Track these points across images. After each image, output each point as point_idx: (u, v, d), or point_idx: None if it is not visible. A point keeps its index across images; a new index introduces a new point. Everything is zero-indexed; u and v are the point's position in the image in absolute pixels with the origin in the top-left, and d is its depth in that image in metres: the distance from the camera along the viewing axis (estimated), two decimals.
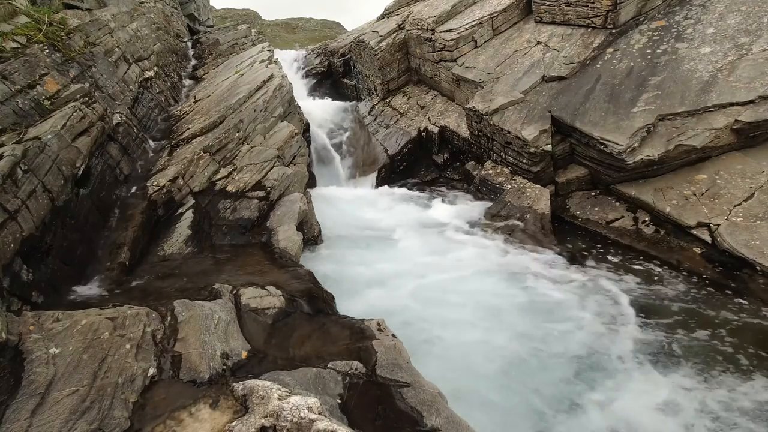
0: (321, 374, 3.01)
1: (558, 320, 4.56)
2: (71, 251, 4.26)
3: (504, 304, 4.86)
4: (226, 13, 25.14)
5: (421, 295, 5.03)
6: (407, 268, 5.55)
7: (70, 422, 2.43)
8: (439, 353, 4.18)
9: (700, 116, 5.51)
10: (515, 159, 6.81)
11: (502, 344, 4.26)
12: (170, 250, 4.96)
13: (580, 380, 3.86)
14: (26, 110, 4.75)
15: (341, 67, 12.02)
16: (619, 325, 4.44)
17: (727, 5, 6.36)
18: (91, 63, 6.26)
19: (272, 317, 3.68)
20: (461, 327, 4.50)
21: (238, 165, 6.21)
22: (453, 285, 5.24)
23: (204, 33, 13.97)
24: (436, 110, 9.10)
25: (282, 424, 2.18)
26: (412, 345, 3.63)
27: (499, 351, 4.18)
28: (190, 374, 2.86)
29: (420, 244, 6.20)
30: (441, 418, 2.82)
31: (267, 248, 5.11)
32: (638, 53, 6.52)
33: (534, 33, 7.99)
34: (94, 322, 3.10)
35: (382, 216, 7.15)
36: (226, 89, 8.00)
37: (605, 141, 5.75)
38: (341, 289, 4.79)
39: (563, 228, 6.21)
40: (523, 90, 7.05)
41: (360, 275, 5.41)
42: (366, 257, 5.83)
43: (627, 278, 5.09)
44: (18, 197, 3.78)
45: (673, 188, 5.63)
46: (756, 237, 4.77)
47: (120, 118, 5.90)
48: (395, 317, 4.40)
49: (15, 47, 5.15)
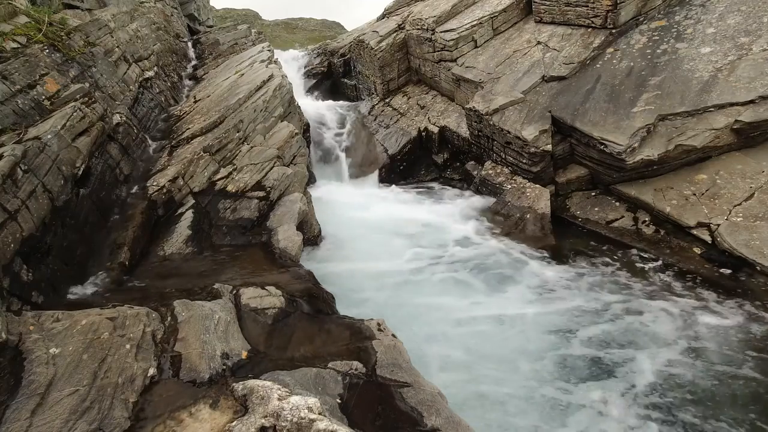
0: (321, 374, 3.01)
1: (557, 320, 4.56)
2: (71, 251, 4.26)
3: (503, 304, 4.86)
4: (226, 13, 25.13)
5: (421, 295, 5.03)
6: (407, 268, 5.56)
7: (70, 422, 2.43)
8: (443, 355, 4.19)
9: (700, 116, 5.51)
10: (515, 159, 6.81)
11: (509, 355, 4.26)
12: (170, 250, 4.96)
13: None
14: (26, 110, 4.75)
15: (341, 67, 12.01)
16: (618, 325, 4.44)
17: (727, 5, 6.36)
18: (91, 63, 6.26)
19: (272, 317, 3.68)
20: (459, 329, 4.50)
21: (238, 165, 6.20)
22: (453, 285, 5.24)
23: (204, 33, 13.96)
24: (436, 110, 9.10)
25: (282, 424, 2.18)
26: (412, 345, 3.63)
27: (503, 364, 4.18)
28: (190, 374, 2.86)
29: (420, 244, 6.20)
30: (441, 418, 2.82)
31: (267, 248, 5.11)
32: (638, 53, 6.52)
33: (534, 33, 7.99)
34: (94, 322, 3.10)
35: (382, 216, 7.14)
36: (226, 89, 7.99)
37: (605, 141, 5.75)
38: (341, 289, 4.80)
39: (563, 228, 6.21)
40: (523, 90, 7.05)
41: (360, 275, 5.41)
42: (366, 257, 5.83)
43: (627, 278, 5.09)
44: (18, 197, 3.78)
45: (673, 188, 5.63)
46: (756, 237, 4.77)
47: (120, 118, 5.90)
48: (395, 317, 4.40)
49: (15, 47, 5.15)
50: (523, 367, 4.03)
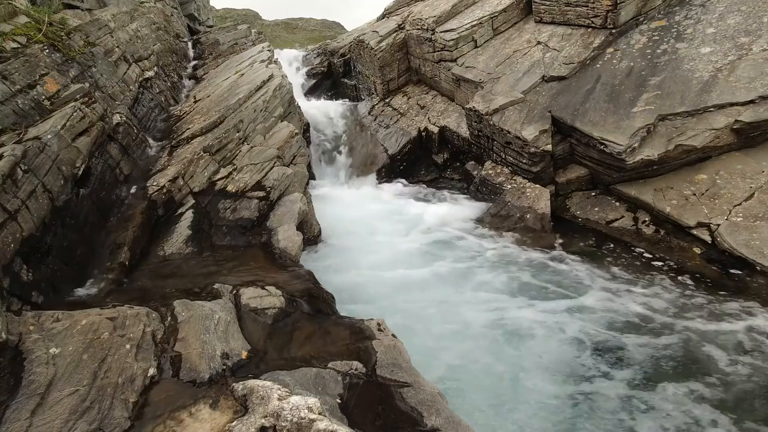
0: (321, 374, 3.01)
1: (558, 320, 4.56)
2: (71, 251, 4.26)
3: (503, 305, 4.86)
4: (226, 13, 25.12)
5: (422, 295, 5.03)
6: (407, 268, 5.56)
7: (70, 422, 2.43)
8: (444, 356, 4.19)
9: (700, 116, 5.51)
10: (515, 159, 6.81)
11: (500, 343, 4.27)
12: (170, 250, 4.96)
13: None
14: (26, 110, 4.75)
15: (341, 67, 12.00)
16: (618, 324, 4.44)
17: (727, 5, 6.36)
18: (91, 63, 6.26)
19: (272, 317, 3.68)
20: (458, 329, 4.50)
21: (238, 165, 6.21)
22: (453, 285, 5.24)
23: (204, 33, 13.96)
24: (436, 110, 9.10)
25: (282, 424, 2.18)
26: (413, 344, 3.63)
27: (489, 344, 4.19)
28: (190, 374, 2.86)
29: (420, 244, 6.21)
30: (441, 418, 2.82)
31: (267, 248, 5.11)
32: (638, 53, 6.52)
33: (534, 33, 7.99)
34: (94, 322, 3.10)
35: (382, 215, 7.15)
36: (226, 89, 7.99)
37: (605, 141, 5.75)
38: (341, 288, 4.80)
39: (563, 228, 6.21)
40: (523, 90, 7.05)
41: (360, 275, 5.41)
42: (366, 257, 5.83)
43: (627, 278, 5.09)
44: (18, 197, 3.78)
45: (673, 188, 5.63)
46: (756, 237, 4.77)
47: (120, 118, 5.90)
48: (395, 317, 4.40)
49: (15, 47, 5.15)
50: (524, 367, 4.03)
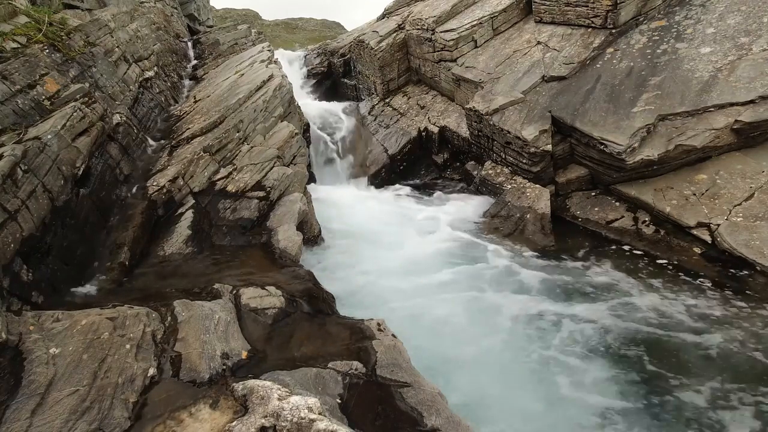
0: (321, 374, 3.01)
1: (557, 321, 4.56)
2: (71, 251, 4.26)
3: (503, 305, 4.86)
4: (226, 13, 25.14)
5: (422, 295, 5.03)
6: (407, 268, 5.55)
7: (70, 422, 2.43)
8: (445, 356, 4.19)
9: (700, 116, 5.51)
10: (515, 159, 6.81)
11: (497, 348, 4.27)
12: (170, 250, 4.96)
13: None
14: (26, 110, 4.75)
15: (341, 67, 12.01)
16: (618, 325, 4.44)
17: (727, 5, 6.36)
18: (91, 63, 6.25)
19: (272, 317, 3.68)
20: (458, 329, 4.50)
21: (238, 165, 6.20)
22: (453, 285, 5.24)
23: (204, 33, 13.94)
24: (436, 110, 9.10)
25: (282, 424, 2.17)
26: (412, 345, 3.63)
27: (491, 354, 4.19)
28: (190, 374, 2.86)
29: (420, 244, 6.21)
30: (441, 418, 2.82)
31: (267, 248, 5.11)
32: (638, 53, 6.52)
33: (534, 33, 7.99)
34: (94, 322, 3.10)
35: (382, 216, 7.15)
36: (226, 89, 7.99)
37: (605, 141, 5.75)
38: (341, 289, 4.80)
39: (563, 228, 6.21)
40: (523, 90, 7.05)
41: (360, 275, 5.41)
42: (366, 257, 5.83)
43: (627, 278, 5.09)
44: (18, 197, 3.78)
45: (673, 188, 5.63)
46: (756, 237, 4.77)
47: (120, 118, 5.90)
48: (395, 317, 4.40)
49: (15, 47, 5.15)
50: (523, 368, 4.04)
